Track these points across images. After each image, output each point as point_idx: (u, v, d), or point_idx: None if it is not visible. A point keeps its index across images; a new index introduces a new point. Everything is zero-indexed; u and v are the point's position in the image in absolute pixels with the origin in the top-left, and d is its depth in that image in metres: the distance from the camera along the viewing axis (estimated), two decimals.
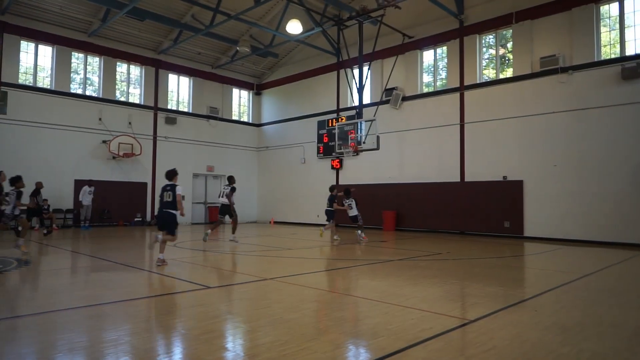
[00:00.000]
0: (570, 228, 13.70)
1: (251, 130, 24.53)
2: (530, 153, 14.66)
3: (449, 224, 16.46)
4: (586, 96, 13.63)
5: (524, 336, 4.04)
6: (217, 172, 22.70)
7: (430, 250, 11.05)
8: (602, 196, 13.13)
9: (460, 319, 4.65)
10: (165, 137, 20.70)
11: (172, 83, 21.56)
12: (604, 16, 13.83)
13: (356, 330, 4.33)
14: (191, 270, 8.07)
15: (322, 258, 10.14)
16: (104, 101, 18.88)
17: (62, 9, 16.83)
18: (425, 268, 8.33)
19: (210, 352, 3.59)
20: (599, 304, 5.43)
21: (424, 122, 17.47)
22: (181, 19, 18.38)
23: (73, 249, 11.15)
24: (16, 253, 9.17)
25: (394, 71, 17.47)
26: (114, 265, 8.26)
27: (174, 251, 10.56)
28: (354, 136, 15.61)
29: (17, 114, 16.47)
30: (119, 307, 5.15)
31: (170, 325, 4.40)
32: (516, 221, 14.78)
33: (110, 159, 18.66)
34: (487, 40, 16.46)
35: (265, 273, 7.50)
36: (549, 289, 6.30)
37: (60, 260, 9.26)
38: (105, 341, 3.90)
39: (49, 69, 17.83)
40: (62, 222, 17.28)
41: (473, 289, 6.35)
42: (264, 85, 24.73)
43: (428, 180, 17.10)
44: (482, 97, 15.95)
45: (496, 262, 9.22)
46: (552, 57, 14.10)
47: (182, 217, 8.42)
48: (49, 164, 16.79)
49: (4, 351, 3.64)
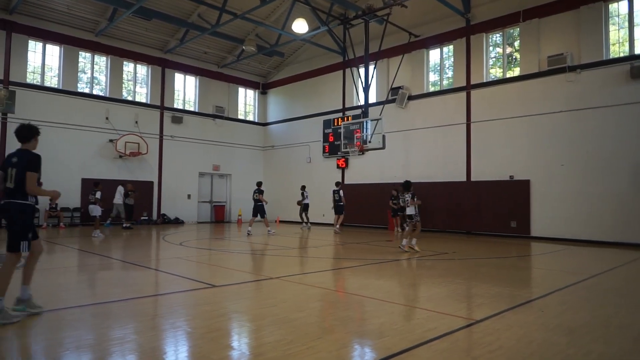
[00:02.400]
0: (577, 228, 13.59)
1: (257, 130, 24.57)
2: (537, 152, 14.56)
3: (455, 224, 16.40)
4: (594, 95, 13.51)
5: (530, 337, 4.01)
6: (223, 172, 22.76)
7: (436, 250, 11.01)
8: (610, 196, 13.02)
9: (466, 319, 4.64)
10: (172, 136, 20.79)
11: (179, 82, 21.64)
12: (613, 14, 13.70)
13: (361, 329, 4.33)
14: (197, 269, 8.11)
15: (328, 257, 10.14)
16: (110, 100, 18.99)
17: (70, 8, 16.94)
18: (431, 268, 8.31)
19: (216, 351, 3.60)
20: (606, 305, 5.38)
21: (430, 121, 17.40)
22: (187, 19, 18.44)
23: (80, 247, 11.23)
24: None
25: (400, 70, 17.42)
26: (121, 263, 8.31)
27: (180, 250, 10.61)
28: (360, 135, 15.60)
29: (25, 113, 16.56)
30: (126, 305, 5.18)
31: (176, 323, 4.42)
32: (523, 221, 14.69)
33: (117, 158, 18.77)
34: (494, 39, 16.36)
35: (270, 272, 7.52)
36: (556, 289, 6.26)
37: (68, 259, 9.32)
38: (112, 339, 3.92)
39: (57, 69, 17.96)
40: (69, 221, 17.42)
41: (479, 289, 6.32)
42: (269, 85, 24.75)
43: (434, 179, 17.03)
44: (489, 96, 15.86)
45: (502, 262, 9.17)
46: (559, 55, 13.99)
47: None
48: (56, 163, 16.89)
49: (12, 348, 3.68)
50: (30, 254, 4.62)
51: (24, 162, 4.46)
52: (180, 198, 20.77)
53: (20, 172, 4.43)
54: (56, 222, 16.91)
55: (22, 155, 4.54)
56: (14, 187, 4.46)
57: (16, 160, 4.49)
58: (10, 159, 4.56)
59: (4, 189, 4.53)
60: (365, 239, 13.77)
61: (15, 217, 4.47)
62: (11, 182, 4.47)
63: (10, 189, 4.48)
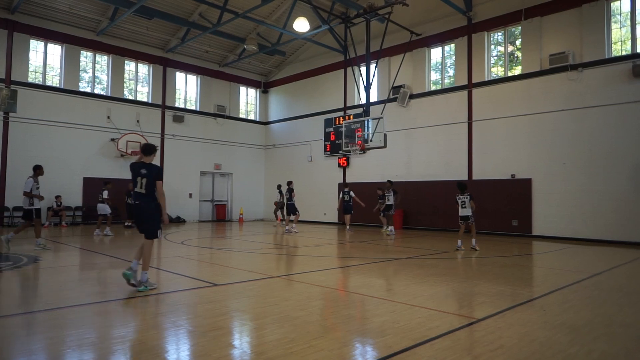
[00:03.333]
0: (579, 227, 13.57)
1: (258, 129, 24.57)
2: (539, 151, 14.53)
3: (456, 223, 16.31)
4: (596, 94, 13.47)
5: (532, 335, 4.01)
6: (225, 170, 22.77)
7: (437, 248, 11.00)
8: (612, 195, 12.99)
9: (468, 318, 4.63)
10: (173, 135, 20.80)
11: (180, 81, 21.65)
12: (615, 12, 13.66)
13: (363, 328, 4.32)
14: (198, 268, 8.11)
15: (329, 256, 10.14)
16: (112, 99, 19.01)
17: (71, 7, 16.95)
18: (433, 266, 8.31)
19: (218, 349, 3.61)
20: (609, 304, 5.37)
21: (431, 120, 17.38)
22: (189, 18, 18.44)
23: (82, 246, 11.24)
24: (28, 250, 9.27)
25: (401, 69, 17.39)
26: (122, 262, 8.33)
27: (182, 249, 10.63)
28: (361, 134, 15.58)
29: (26, 112, 16.63)
30: (127, 304, 5.19)
31: (177, 322, 4.43)
32: (524, 220, 14.67)
33: (119, 157, 18.78)
34: (496, 38, 16.33)
35: (272, 270, 7.52)
36: (558, 288, 6.25)
37: (70, 258, 9.34)
38: (114, 337, 3.93)
39: (58, 68, 17.98)
40: (71, 220, 17.45)
41: (481, 287, 6.31)
42: (271, 84, 24.74)
43: (435, 178, 17.02)
44: (491, 94, 15.83)
45: (504, 261, 9.16)
46: (561, 54, 13.95)
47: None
48: (58, 162, 16.93)
49: (14, 347, 3.68)
50: (151, 242, 5.93)
51: (153, 174, 5.81)
52: (181, 197, 20.79)
53: (151, 181, 5.78)
54: (58, 221, 16.94)
55: (150, 168, 5.84)
56: (145, 192, 5.79)
57: (145, 172, 5.80)
58: (138, 170, 5.83)
59: (134, 194, 5.93)
60: (366, 238, 13.77)
61: (149, 214, 5.81)
62: (141, 188, 5.80)
63: (141, 193, 5.82)
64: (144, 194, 5.80)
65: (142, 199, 5.82)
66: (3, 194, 16.18)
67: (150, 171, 5.79)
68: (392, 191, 14.92)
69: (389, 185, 15.09)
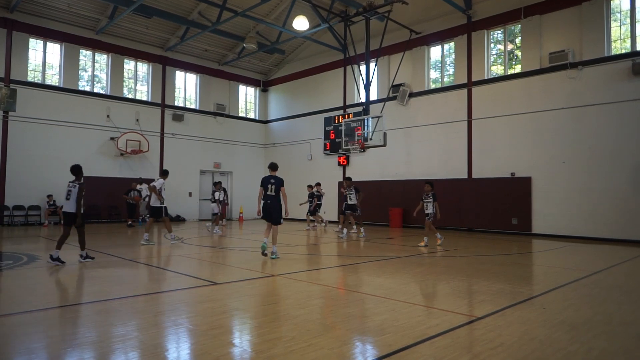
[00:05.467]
0: (579, 225, 13.58)
1: (258, 127, 24.56)
2: (539, 149, 14.53)
3: (456, 221, 16.39)
4: (596, 92, 13.47)
5: (532, 333, 4.01)
6: (224, 169, 22.77)
7: (437, 247, 11.00)
8: (612, 193, 13.00)
9: (468, 316, 4.64)
10: (173, 134, 20.79)
11: (179, 80, 21.62)
12: (615, 10, 13.64)
13: (363, 326, 4.33)
14: (199, 266, 8.12)
15: (329, 255, 10.15)
16: (111, 98, 18.99)
17: (70, 6, 16.92)
18: (432, 265, 8.31)
19: (218, 348, 3.61)
20: (609, 302, 5.38)
21: (431, 118, 17.38)
22: (188, 16, 18.41)
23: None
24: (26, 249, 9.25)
25: (401, 67, 17.38)
26: (122, 261, 8.32)
27: (182, 248, 10.62)
28: (361, 133, 15.56)
29: (26, 111, 16.61)
30: (127, 303, 5.19)
31: (177, 320, 4.43)
32: (524, 218, 14.68)
33: (118, 156, 18.78)
34: (495, 36, 16.31)
35: (272, 269, 7.52)
36: (557, 286, 6.26)
37: (69, 257, 9.32)
38: (114, 336, 3.93)
39: (57, 67, 17.95)
40: None
41: (480, 286, 6.31)
42: (270, 82, 24.72)
43: (435, 176, 16.99)
44: (490, 93, 15.82)
45: (504, 259, 9.17)
46: (561, 52, 13.94)
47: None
48: (57, 161, 16.90)
49: (14, 345, 3.68)
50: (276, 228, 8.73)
51: (280, 183, 8.66)
52: (181, 196, 20.79)
53: (278, 187, 8.60)
54: (58, 220, 16.93)
55: (277, 178, 8.65)
56: (274, 194, 8.57)
57: (274, 181, 8.60)
58: (269, 179, 8.62)
59: (266, 195, 8.55)
60: (367, 237, 13.75)
61: (276, 210, 8.59)
62: (272, 191, 8.55)
63: (271, 195, 8.55)
64: (273, 196, 8.51)
65: (271, 199, 8.50)
66: (3, 193, 16.16)
67: (277, 181, 8.59)
68: (354, 189, 13.82)
69: (349, 183, 13.96)
